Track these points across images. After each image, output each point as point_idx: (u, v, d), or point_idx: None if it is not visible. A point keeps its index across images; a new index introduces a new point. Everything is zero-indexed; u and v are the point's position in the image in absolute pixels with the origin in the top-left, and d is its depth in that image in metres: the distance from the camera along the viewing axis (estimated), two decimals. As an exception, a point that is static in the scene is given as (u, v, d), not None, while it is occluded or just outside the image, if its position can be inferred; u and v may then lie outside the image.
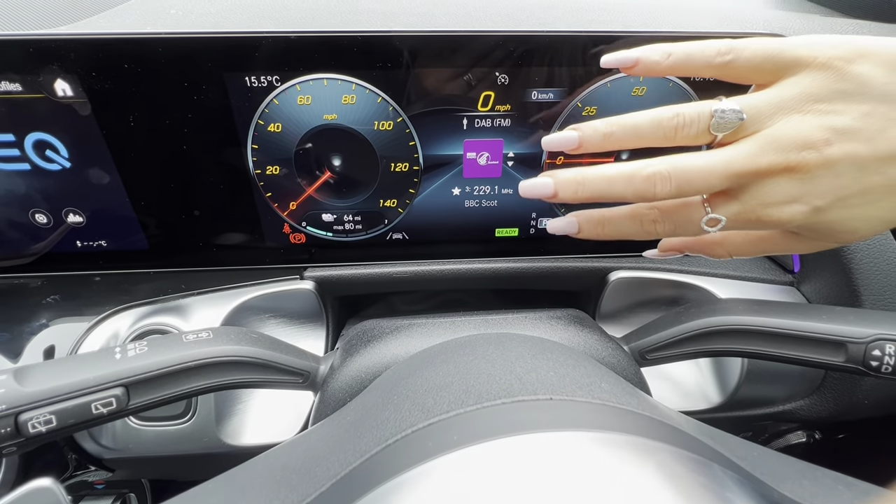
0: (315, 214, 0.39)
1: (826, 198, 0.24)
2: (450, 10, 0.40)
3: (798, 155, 0.23)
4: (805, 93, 0.24)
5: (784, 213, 0.25)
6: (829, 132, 0.23)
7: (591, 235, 0.29)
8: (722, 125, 0.24)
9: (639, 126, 0.26)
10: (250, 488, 0.21)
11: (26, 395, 0.23)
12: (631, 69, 0.27)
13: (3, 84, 0.31)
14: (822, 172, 0.24)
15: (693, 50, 0.26)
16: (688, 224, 0.27)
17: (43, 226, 0.37)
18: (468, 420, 0.19)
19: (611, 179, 0.26)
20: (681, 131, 0.25)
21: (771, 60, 0.24)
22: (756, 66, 0.25)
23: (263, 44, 0.32)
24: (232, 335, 0.29)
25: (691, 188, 0.25)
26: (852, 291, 0.39)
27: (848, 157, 0.23)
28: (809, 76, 0.24)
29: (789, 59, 0.24)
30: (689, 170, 0.25)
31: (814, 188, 0.24)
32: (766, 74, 0.25)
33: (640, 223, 0.28)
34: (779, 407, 0.44)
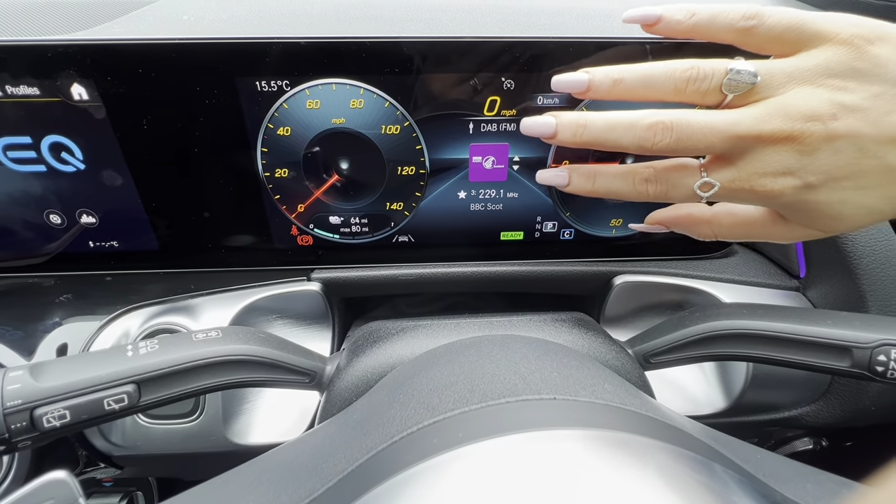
0: (322, 217, 0.39)
1: (820, 175, 0.24)
2: (456, 16, 0.41)
3: (803, 125, 0.23)
4: (821, 66, 0.24)
5: (777, 184, 0.25)
6: (838, 107, 0.23)
7: (580, 189, 0.29)
8: (734, 85, 0.24)
9: (651, 75, 0.25)
10: (258, 484, 0.21)
11: (42, 390, 0.23)
12: (652, 26, 0.27)
13: (22, 88, 0.32)
14: (823, 147, 0.24)
15: (717, 11, 0.25)
16: (681, 187, 0.27)
17: (57, 226, 0.38)
18: (473, 418, 0.19)
19: (613, 124, 0.26)
20: (692, 84, 0.25)
21: (794, 30, 0.24)
22: (778, 34, 0.24)
23: (274, 49, 0.32)
24: (240, 335, 0.30)
25: (691, 143, 0.25)
26: (858, 297, 0.38)
27: (851, 134, 0.23)
28: (829, 50, 0.24)
29: (811, 31, 0.24)
30: (692, 124, 0.24)
31: (811, 162, 0.24)
32: (786, 45, 0.25)
33: (632, 181, 0.28)
34: (784, 413, 0.44)
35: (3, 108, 0.33)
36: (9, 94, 0.32)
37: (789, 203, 0.26)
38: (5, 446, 0.23)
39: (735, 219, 0.30)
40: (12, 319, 0.38)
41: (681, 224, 0.32)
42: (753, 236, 0.30)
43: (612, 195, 0.29)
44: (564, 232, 0.41)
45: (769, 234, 0.29)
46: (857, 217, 0.25)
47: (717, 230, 0.31)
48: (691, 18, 0.26)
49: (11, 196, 0.36)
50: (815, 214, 0.26)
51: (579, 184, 0.29)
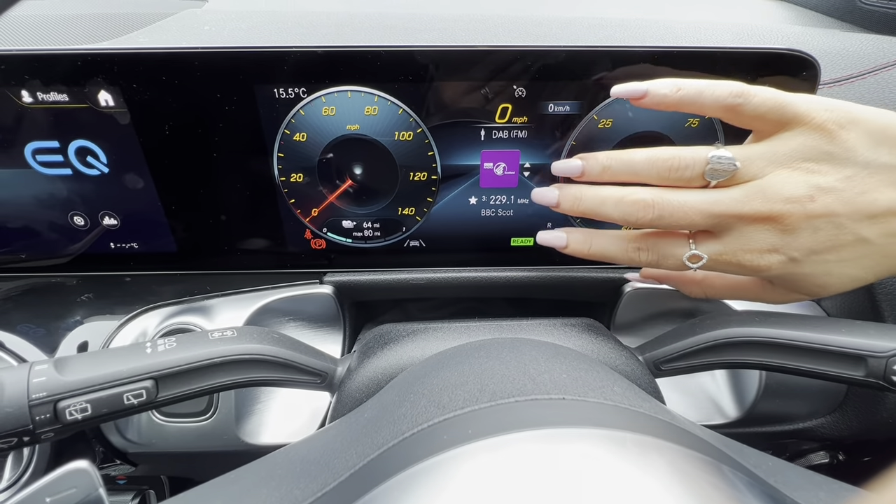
0: (335, 221, 0.40)
1: (802, 251, 0.26)
2: (469, 25, 0.42)
3: (783, 207, 0.25)
4: (797, 150, 0.25)
5: (763, 260, 0.26)
6: (814, 189, 0.25)
7: (577, 252, 0.31)
8: (716, 172, 0.26)
9: (634, 163, 0.28)
10: (270, 479, 0.22)
11: (65, 383, 0.24)
12: (639, 101, 0.28)
13: (52, 94, 0.34)
14: (803, 226, 0.25)
15: (704, 88, 0.27)
16: (670, 257, 0.28)
17: (80, 228, 0.39)
18: (482, 416, 0.19)
19: (603, 199, 0.28)
20: (674, 173, 0.27)
21: (775, 112, 0.26)
22: (761, 114, 0.26)
23: (291, 58, 0.33)
24: (255, 334, 0.31)
25: (672, 219, 0.26)
26: (873, 306, 0.38)
27: (827, 214, 0.25)
28: (803, 135, 0.25)
29: (791, 114, 0.25)
30: (672, 202, 0.26)
31: (793, 240, 0.26)
32: (767, 124, 0.26)
33: (625, 248, 0.30)
34: (799, 424, 0.43)
35: (34, 113, 0.34)
36: (39, 100, 0.34)
37: (777, 276, 0.28)
38: (29, 437, 0.24)
39: (725, 281, 0.32)
40: (36, 317, 0.39)
41: (672, 282, 0.34)
42: (742, 298, 0.32)
43: (607, 259, 0.31)
44: (575, 238, 0.42)
45: (759, 297, 0.31)
46: (842, 284, 0.27)
47: (707, 291, 0.33)
48: (677, 93, 0.27)
49: (38, 198, 0.38)
50: (802, 284, 0.28)
51: (576, 247, 0.31)
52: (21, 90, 0.33)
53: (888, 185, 0.25)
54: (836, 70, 0.42)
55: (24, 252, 0.40)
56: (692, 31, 0.45)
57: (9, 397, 0.23)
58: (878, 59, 0.42)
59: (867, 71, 0.42)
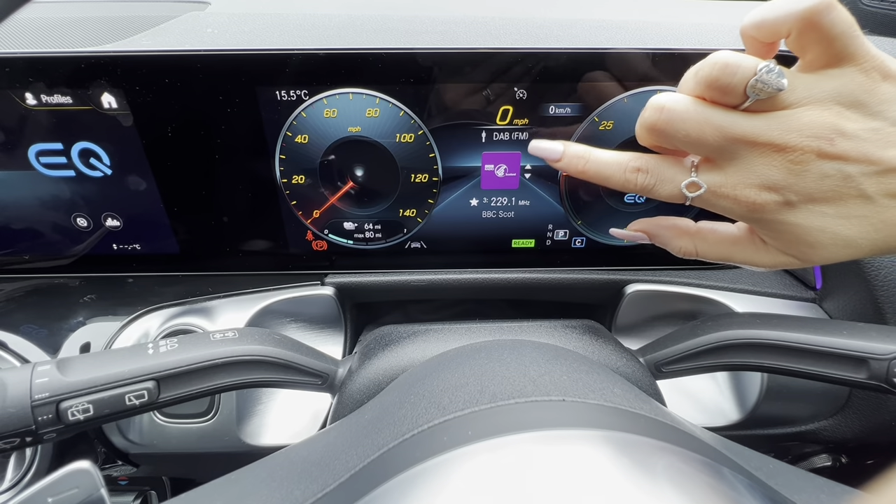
0: (337, 223, 0.40)
1: (801, 195, 0.25)
2: (470, 27, 0.42)
3: (798, 140, 0.24)
4: (837, 90, 0.24)
5: (760, 196, 0.25)
6: (836, 132, 0.24)
7: (571, 167, 0.29)
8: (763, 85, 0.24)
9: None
10: (272, 479, 0.22)
11: (68, 384, 0.24)
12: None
13: (56, 97, 0.34)
14: (811, 167, 0.24)
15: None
16: (668, 182, 0.27)
17: (83, 229, 0.39)
18: (482, 417, 0.19)
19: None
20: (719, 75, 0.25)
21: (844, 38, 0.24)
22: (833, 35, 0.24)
23: (293, 60, 0.33)
24: (256, 336, 0.31)
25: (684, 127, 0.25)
26: (876, 308, 0.38)
27: (840, 158, 0.24)
28: (848, 75, 0.24)
29: (852, 47, 0.24)
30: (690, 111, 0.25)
31: (796, 182, 0.25)
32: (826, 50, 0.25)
33: (622, 168, 0.28)
34: (801, 427, 0.43)
35: (38, 115, 0.34)
36: (43, 102, 0.34)
37: (768, 220, 0.26)
38: (32, 437, 0.24)
39: (718, 236, 0.30)
40: (39, 318, 0.39)
41: (664, 232, 0.32)
42: (733, 257, 0.30)
43: (601, 180, 0.29)
44: (576, 240, 0.42)
45: (749, 256, 0.30)
46: (834, 247, 0.26)
47: (699, 245, 0.31)
48: None
49: (41, 200, 0.38)
50: (791, 238, 0.27)
51: (571, 162, 0.29)
52: (25, 92, 0.34)
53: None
54: (838, 72, 0.42)
55: (27, 253, 0.40)
56: (693, 34, 0.45)
57: (12, 398, 0.23)
58: (880, 61, 0.42)
59: (869, 73, 0.42)
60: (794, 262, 0.28)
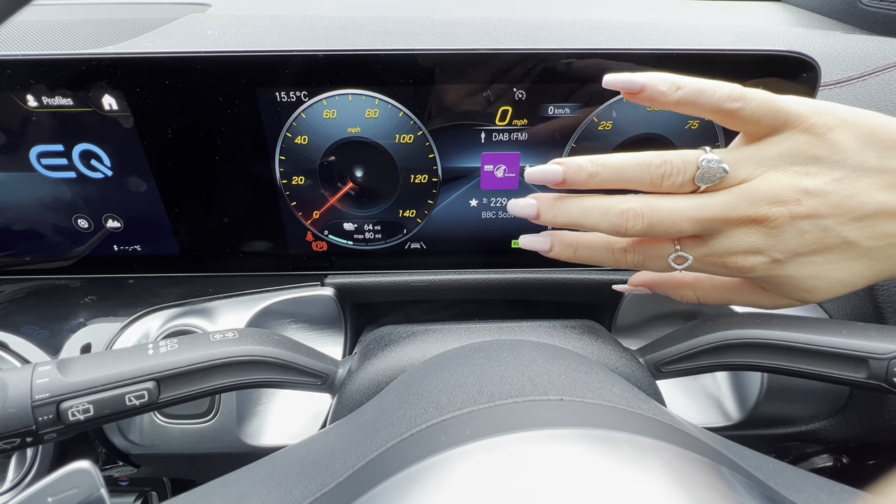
0: (337, 223, 0.40)
1: (787, 252, 0.26)
2: (470, 28, 0.42)
3: (768, 209, 0.25)
4: (786, 153, 0.25)
5: (747, 261, 0.26)
6: (800, 192, 0.25)
7: (563, 256, 0.31)
8: (706, 177, 0.26)
9: (625, 169, 0.27)
10: (270, 479, 0.22)
11: (68, 384, 0.24)
12: (635, 95, 0.27)
13: (56, 99, 0.34)
14: (788, 228, 0.25)
15: (704, 88, 0.26)
16: (657, 258, 0.28)
17: (84, 230, 0.39)
18: (480, 416, 0.19)
19: (587, 210, 0.28)
20: (667, 179, 0.26)
21: (770, 116, 0.25)
22: (757, 119, 0.26)
23: (293, 61, 0.34)
24: (256, 336, 0.31)
25: (662, 228, 0.26)
26: (875, 308, 0.38)
27: (813, 216, 0.25)
28: (793, 138, 0.25)
29: (784, 117, 0.25)
30: (662, 210, 0.26)
31: (778, 242, 0.25)
32: (761, 128, 0.26)
33: (611, 251, 0.29)
34: (801, 427, 0.43)
35: (39, 117, 0.35)
36: (44, 104, 0.34)
37: (762, 277, 0.27)
38: (32, 438, 0.24)
39: (716, 283, 0.32)
40: (40, 319, 0.39)
41: (663, 286, 0.33)
42: (734, 302, 0.32)
43: (591, 263, 0.30)
44: (575, 240, 0.42)
45: (750, 301, 0.31)
46: (831, 289, 0.27)
47: (699, 294, 0.32)
48: (676, 92, 0.26)
49: (43, 201, 0.38)
50: (788, 287, 0.28)
51: (561, 251, 0.31)
52: (26, 94, 0.34)
53: (877, 188, 0.25)
54: (837, 71, 0.42)
55: (28, 254, 0.40)
56: (693, 34, 0.45)
57: (12, 398, 0.23)
58: (879, 61, 0.42)
59: (868, 72, 0.42)
60: (795, 304, 0.29)
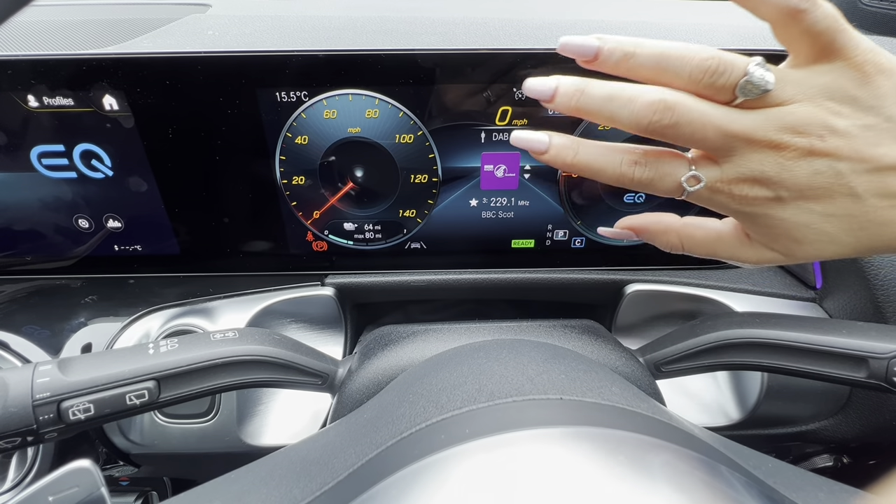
0: (337, 223, 0.40)
1: (792, 191, 0.25)
2: (470, 28, 0.42)
3: (791, 138, 0.24)
4: (826, 86, 0.24)
5: (752, 191, 0.25)
6: (826, 130, 0.24)
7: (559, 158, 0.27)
8: (749, 87, 0.24)
9: (667, 55, 0.24)
10: (271, 478, 0.22)
11: (69, 384, 0.24)
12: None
13: (58, 99, 0.34)
14: (803, 163, 0.24)
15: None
16: (668, 177, 0.26)
17: (85, 230, 0.39)
18: (480, 415, 0.19)
19: (612, 94, 0.25)
20: (709, 77, 0.24)
21: (829, 33, 0.24)
22: (818, 31, 0.24)
23: (293, 62, 0.34)
24: (256, 336, 0.31)
25: (689, 130, 0.24)
26: (875, 308, 0.38)
27: (832, 155, 0.24)
28: (838, 70, 0.24)
29: (840, 42, 0.24)
30: (693, 110, 0.24)
31: (788, 177, 0.25)
32: (813, 46, 0.25)
33: (619, 160, 0.26)
34: (802, 426, 0.43)
35: (40, 117, 0.35)
36: (45, 104, 0.34)
37: (758, 214, 0.26)
38: (33, 437, 0.24)
39: (703, 232, 0.30)
40: (40, 319, 0.40)
41: (652, 228, 0.31)
42: (718, 252, 0.30)
43: (592, 173, 0.27)
44: (575, 240, 0.42)
45: (734, 252, 0.30)
46: (819, 243, 0.26)
47: (685, 241, 0.30)
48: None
49: (43, 201, 0.38)
50: (778, 232, 0.26)
51: (558, 152, 0.27)
52: (27, 94, 0.34)
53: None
54: (837, 72, 0.42)
55: (29, 254, 0.40)
56: (692, 34, 0.45)
57: (13, 397, 0.23)
58: (879, 61, 0.42)
59: (868, 72, 0.42)
60: (778, 258, 0.28)
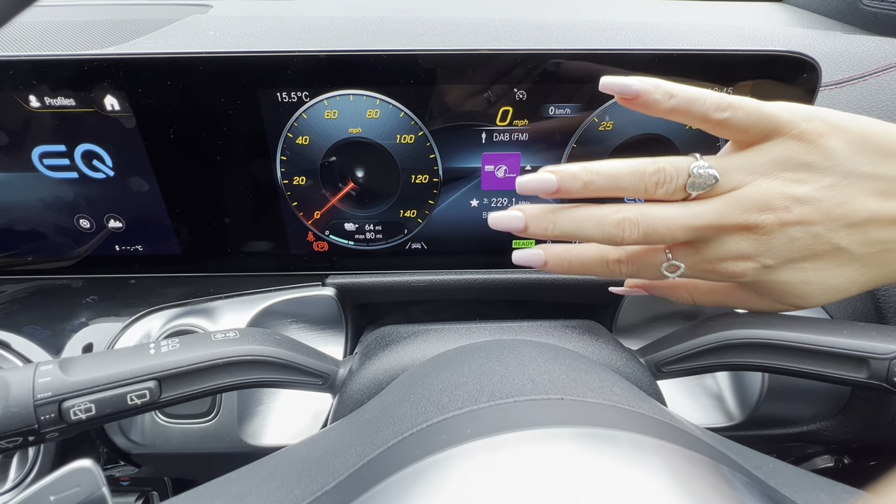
0: (338, 224, 0.40)
1: (777, 258, 0.26)
2: (471, 29, 0.42)
3: (759, 217, 0.25)
4: (776, 160, 0.25)
5: (737, 267, 0.27)
6: (790, 200, 0.25)
7: (557, 270, 0.31)
8: (697, 184, 0.26)
9: (620, 177, 0.27)
10: (271, 478, 0.22)
11: (70, 384, 0.24)
12: (630, 101, 0.27)
13: (59, 99, 0.34)
14: (777, 235, 0.25)
15: (694, 97, 0.26)
16: (650, 268, 0.29)
17: (86, 230, 0.39)
18: (481, 415, 0.19)
19: (581, 221, 0.27)
20: (660, 187, 0.26)
21: (759, 124, 0.25)
22: (746, 127, 0.26)
23: (294, 62, 0.34)
24: (257, 336, 0.31)
25: (657, 236, 0.26)
26: (876, 308, 0.38)
27: (803, 223, 0.25)
28: (783, 144, 0.25)
29: (773, 124, 0.25)
30: (657, 219, 0.26)
31: (768, 249, 0.26)
32: (751, 136, 0.26)
33: (605, 263, 0.30)
34: (803, 427, 0.43)
35: (41, 118, 0.35)
36: (47, 104, 0.34)
37: (753, 282, 0.28)
38: (34, 437, 0.24)
39: (712, 287, 0.32)
40: (41, 319, 0.40)
41: (659, 289, 0.34)
42: (729, 304, 0.32)
43: (587, 274, 0.31)
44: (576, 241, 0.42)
45: (745, 303, 0.31)
46: (824, 295, 0.27)
47: (695, 295, 0.33)
48: (669, 101, 0.26)
49: (45, 201, 0.38)
50: (779, 292, 0.28)
51: (556, 265, 0.30)
52: (28, 95, 0.34)
53: (868, 194, 0.25)
54: (838, 72, 0.42)
55: (30, 254, 0.40)
56: (693, 34, 0.46)
57: (14, 397, 0.23)
58: (880, 61, 0.42)
59: (868, 73, 0.42)
60: (788, 309, 0.29)
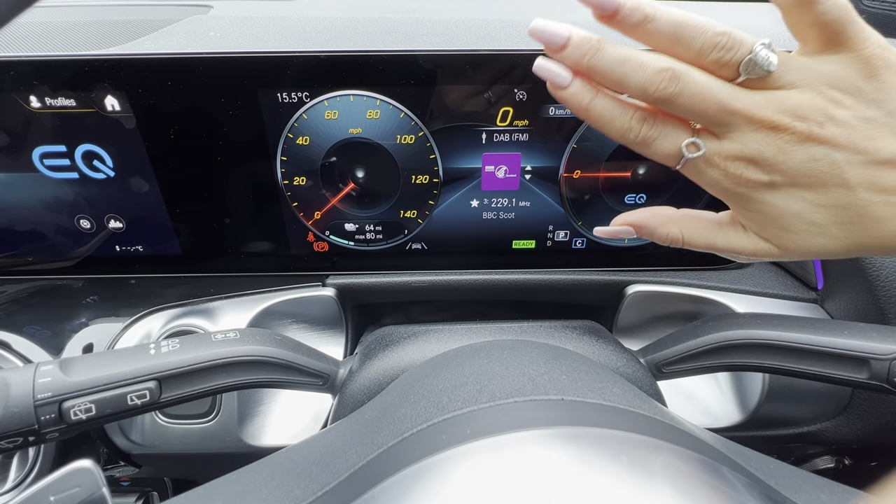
0: (338, 224, 0.40)
1: (786, 176, 0.25)
2: (471, 29, 0.42)
3: (791, 121, 0.24)
4: (831, 75, 0.25)
5: (748, 173, 0.26)
6: (826, 117, 0.24)
7: (577, 99, 0.27)
8: (752, 66, 0.24)
9: (684, 25, 0.25)
10: (272, 479, 0.22)
11: (70, 384, 0.24)
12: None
13: (60, 100, 0.34)
14: (800, 148, 0.25)
15: None
16: (671, 138, 0.27)
17: (86, 231, 0.39)
18: (481, 416, 0.19)
19: (626, 56, 0.25)
20: (717, 51, 0.25)
21: (839, 23, 0.24)
22: (828, 20, 0.24)
23: (295, 62, 0.34)
24: (257, 336, 0.31)
25: (690, 101, 0.25)
26: (877, 309, 0.38)
27: (829, 143, 0.24)
28: (845, 61, 0.25)
29: (849, 33, 0.24)
30: (697, 83, 0.25)
31: (784, 161, 0.25)
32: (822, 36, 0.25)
33: (628, 115, 0.27)
34: (803, 428, 0.43)
35: (42, 118, 0.35)
36: (47, 105, 0.34)
37: (749, 197, 0.27)
38: (35, 437, 0.24)
39: (702, 222, 0.31)
40: (42, 319, 0.40)
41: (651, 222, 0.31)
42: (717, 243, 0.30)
43: (602, 120, 0.27)
44: (576, 241, 0.42)
45: (731, 242, 0.30)
46: (808, 235, 0.26)
47: (685, 231, 0.31)
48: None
49: (45, 202, 0.38)
50: (767, 219, 0.27)
51: (578, 91, 0.27)
52: (29, 95, 0.34)
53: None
54: (838, 72, 0.42)
55: (31, 255, 0.40)
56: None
57: (14, 397, 0.23)
58: (881, 62, 0.42)
59: (869, 73, 0.42)
60: (770, 249, 0.28)
